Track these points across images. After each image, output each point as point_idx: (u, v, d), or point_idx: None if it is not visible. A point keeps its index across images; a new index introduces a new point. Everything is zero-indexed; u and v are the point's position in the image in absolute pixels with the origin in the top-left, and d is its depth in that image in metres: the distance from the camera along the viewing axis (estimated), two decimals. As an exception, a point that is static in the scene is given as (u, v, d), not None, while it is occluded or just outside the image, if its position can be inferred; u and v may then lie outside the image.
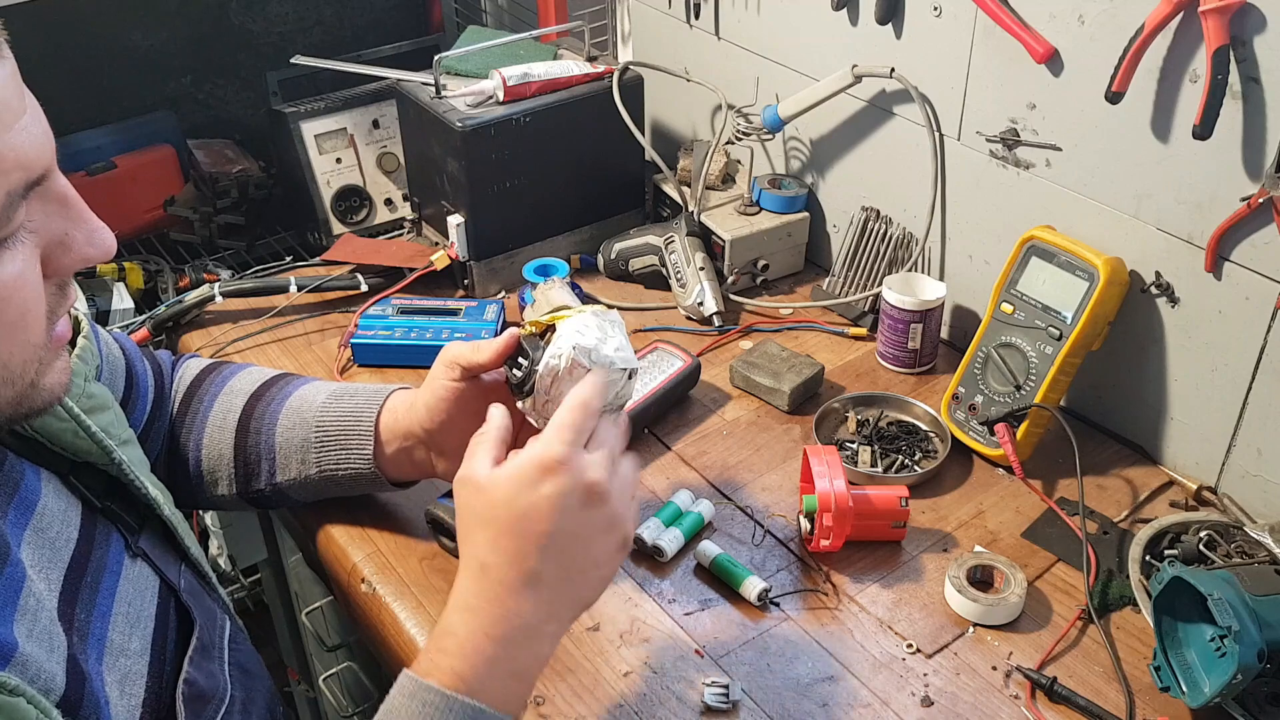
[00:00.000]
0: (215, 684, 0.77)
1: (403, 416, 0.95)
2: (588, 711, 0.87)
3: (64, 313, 0.66)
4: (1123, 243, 1.08)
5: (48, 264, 0.62)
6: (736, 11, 1.44)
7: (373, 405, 0.96)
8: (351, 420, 0.96)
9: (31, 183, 0.59)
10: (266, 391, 0.99)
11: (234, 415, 0.98)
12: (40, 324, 0.62)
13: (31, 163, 0.59)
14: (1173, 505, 1.08)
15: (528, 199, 1.39)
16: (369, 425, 0.95)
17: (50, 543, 0.70)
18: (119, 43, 1.67)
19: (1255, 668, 0.79)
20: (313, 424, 0.96)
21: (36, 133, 0.59)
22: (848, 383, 1.26)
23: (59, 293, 0.65)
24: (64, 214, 0.62)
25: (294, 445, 0.96)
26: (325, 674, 1.67)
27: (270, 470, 0.97)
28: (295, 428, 0.97)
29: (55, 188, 0.62)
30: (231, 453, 0.97)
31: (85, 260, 0.64)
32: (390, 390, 0.98)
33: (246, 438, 0.97)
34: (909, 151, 1.27)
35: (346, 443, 0.96)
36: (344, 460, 0.96)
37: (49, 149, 0.61)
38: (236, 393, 1.00)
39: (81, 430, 0.75)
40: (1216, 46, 0.90)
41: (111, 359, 0.90)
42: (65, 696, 0.62)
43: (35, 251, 0.61)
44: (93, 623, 0.70)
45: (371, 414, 0.96)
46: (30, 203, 0.60)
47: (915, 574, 1.00)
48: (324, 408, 0.97)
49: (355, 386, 1.00)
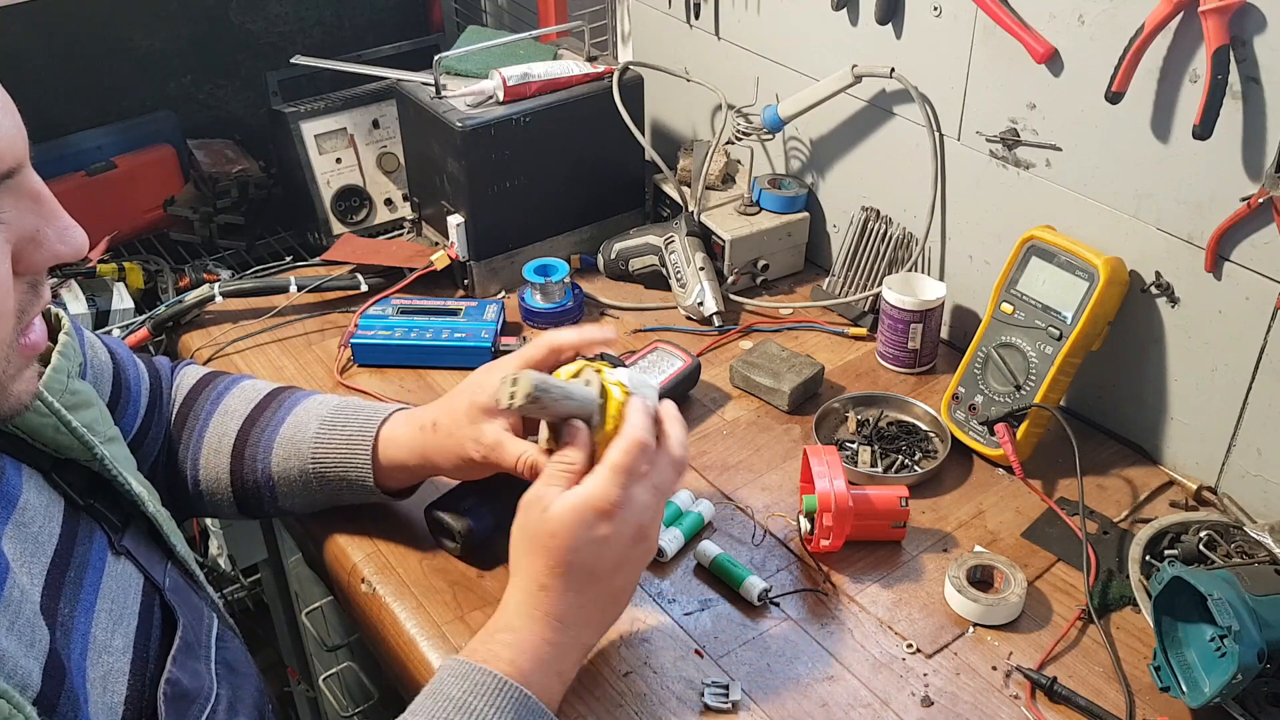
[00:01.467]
0: (200, 683, 0.77)
1: (404, 442, 0.94)
2: (588, 711, 0.87)
3: (36, 313, 0.66)
4: (1123, 243, 1.08)
5: (19, 261, 0.62)
6: (736, 11, 1.44)
7: (367, 434, 0.96)
8: (347, 453, 0.96)
9: (2, 174, 0.60)
10: (260, 416, 0.99)
11: (229, 441, 0.98)
12: (8, 321, 0.62)
13: (3, 155, 0.59)
14: (1173, 505, 1.08)
15: (528, 199, 1.39)
16: (366, 457, 0.95)
17: (33, 537, 0.70)
18: (119, 43, 1.67)
19: (1255, 668, 0.79)
20: (308, 456, 0.96)
21: (7, 125, 0.60)
22: (848, 383, 1.26)
23: (31, 292, 0.64)
24: (36, 210, 0.62)
25: (292, 476, 0.97)
26: (325, 674, 1.67)
27: (272, 497, 0.98)
28: (291, 459, 0.96)
29: (28, 183, 0.62)
30: (228, 478, 0.97)
31: (56, 257, 0.64)
32: (385, 415, 0.97)
33: (243, 465, 0.97)
34: (909, 151, 1.27)
35: (345, 475, 0.96)
36: (345, 490, 0.97)
37: (20, 143, 0.61)
38: (230, 414, 0.99)
39: (63, 426, 0.75)
40: (1216, 46, 0.90)
41: (96, 361, 0.90)
42: (42, 693, 0.62)
43: (6, 246, 0.61)
44: (76, 618, 0.70)
45: (367, 445, 0.95)
46: (3, 196, 0.60)
47: (915, 574, 1.00)
48: (317, 439, 0.96)
49: (348, 409, 0.98)
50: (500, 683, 0.75)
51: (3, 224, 0.61)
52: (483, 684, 0.75)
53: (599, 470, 0.80)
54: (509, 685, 0.75)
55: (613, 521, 0.79)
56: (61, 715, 0.63)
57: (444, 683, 0.76)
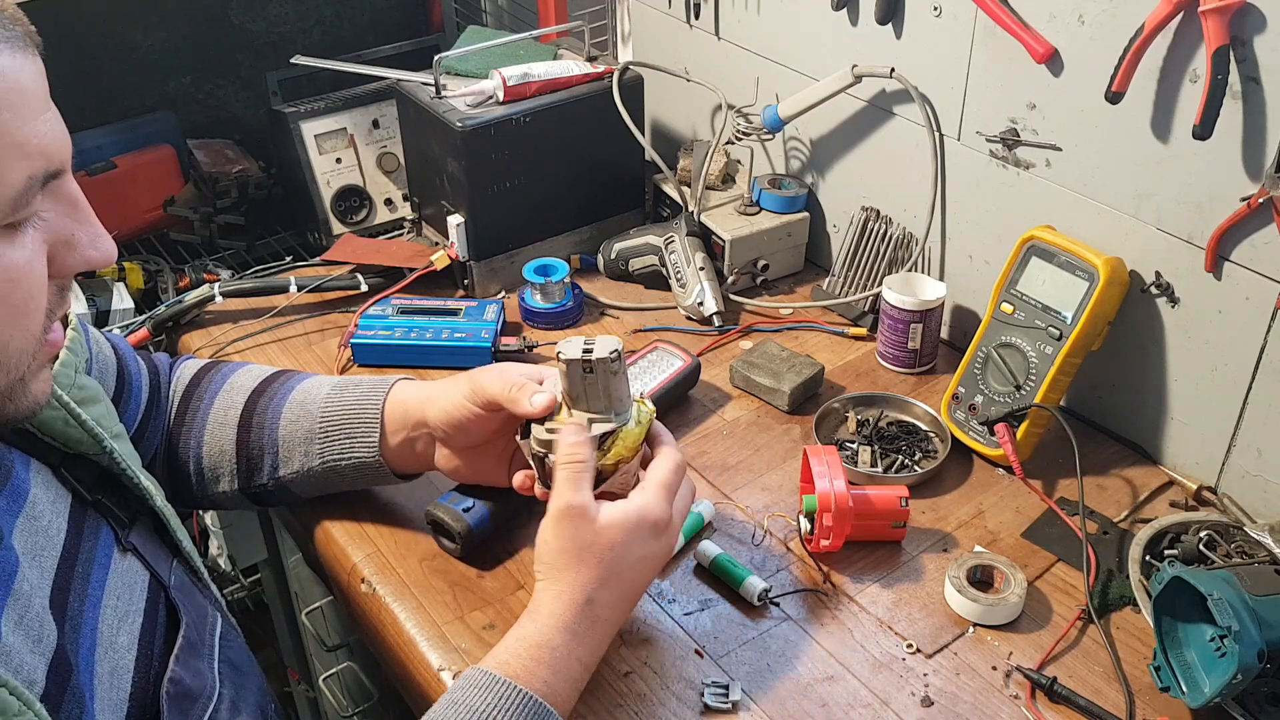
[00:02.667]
0: (203, 682, 0.77)
1: (412, 408, 0.96)
2: (588, 711, 0.87)
3: (60, 315, 0.68)
4: (1123, 243, 1.08)
5: (52, 263, 0.64)
6: (736, 11, 1.44)
7: (378, 394, 0.98)
8: (357, 409, 0.97)
9: (50, 174, 0.62)
10: (269, 387, 1.00)
11: (235, 411, 0.98)
12: (41, 316, 0.64)
13: (52, 154, 0.62)
14: (1173, 505, 1.08)
15: (528, 199, 1.39)
16: (375, 413, 0.96)
17: (42, 532, 0.70)
18: (119, 43, 1.67)
19: (1255, 668, 0.79)
20: (317, 415, 0.97)
21: (57, 129, 0.63)
22: (848, 383, 1.26)
23: (59, 295, 0.67)
24: (73, 215, 0.65)
25: (298, 437, 0.97)
26: (325, 674, 1.67)
27: (273, 464, 0.98)
28: (299, 420, 0.97)
29: (68, 189, 0.65)
30: (234, 448, 0.98)
31: (88, 263, 0.66)
32: (394, 380, 0.99)
33: (249, 433, 0.98)
34: (909, 151, 1.27)
35: (352, 431, 0.96)
36: (348, 450, 0.97)
37: (67, 148, 0.64)
38: (238, 389, 1.00)
39: (73, 420, 0.75)
40: (1216, 46, 0.90)
41: (102, 357, 0.91)
42: (48, 689, 0.62)
43: (44, 245, 0.63)
44: (84, 614, 0.70)
45: (377, 402, 0.97)
46: (45, 196, 0.62)
47: (915, 574, 1.00)
48: (328, 399, 0.98)
49: (358, 378, 1.01)
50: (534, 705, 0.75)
51: (43, 222, 0.63)
52: (513, 701, 0.75)
53: (649, 486, 0.83)
54: (543, 709, 0.76)
55: (660, 537, 0.82)
56: (68, 711, 0.63)
57: (468, 693, 0.75)
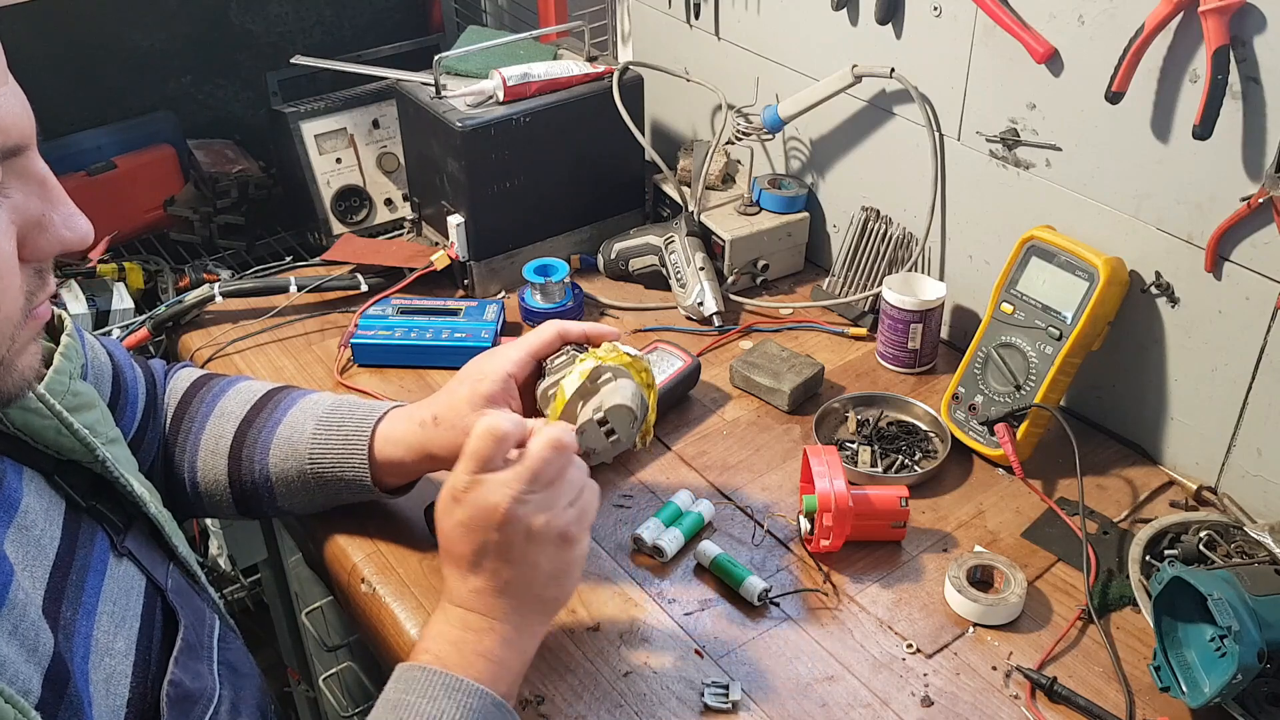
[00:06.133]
0: (202, 685, 0.77)
1: (402, 439, 0.94)
2: (588, 711, 0.87)
3: (43, 300, 0.67)
4: (1123, 243, 1.08)
5: (24, 245, 0.63)
6: (736, 11, 1.44)
7: (363, 433, 0.95)
8: (344, 452, 0.95)
9: (8, 149, 0.61)
10: (256, 417, 0.98)
11: (225, 442, 0.97)
12: (15, 300, 0.63)
13: (10, 129, 0.60)
14: (1173, 505, 1.08)
15: (528, 199, 1.39)
16: (363, 456, 0.95)
17: (35, 541, 0.70)
18: (119, 43, 1.67)
19: (1255, 668, 0.79)
20: (305, 456, 0.96)
21: (15, 104, 0.61)
22: (848, 383, 1.26)
23: (37, 278, 0.65)
24: (42, 195, 0.63)
25: (291, 477, 0.96)
26: (325, 674, 1.67)
27: (271, 498, 0.98)
28: (289, 460, 0.96)
29: (34, 168, 0.63)
30: (226, 479, 0.97)
31: (62, 243, 0.64)
32: (381, 413, 0.97)
33: (240, 466, 0.97)
34: (909, 151, 1.27)
35: (341, 475, 0.96)
36: (343, 489, 0.97)
37: (27, 122, 0.62)
38: (226, 416, 0.99)
39: (64, 428, 0.74)
40: (1216, 46, 0.90)
41: (97, 363, 0.90)
42: (44, 698, 0.62)
43: (11, 226, 0.62)
44: (78, 621, 0.70)
45: (364, 444, 0.95)
46: (8, 174, 0.61)
47: (915, 574, 1.00)
48: (314, 439, 0.96)
49: (344, 408, 0.98)
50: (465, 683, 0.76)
51: (6, 200, 0.61)
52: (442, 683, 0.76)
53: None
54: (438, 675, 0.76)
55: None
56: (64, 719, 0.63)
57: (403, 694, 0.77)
